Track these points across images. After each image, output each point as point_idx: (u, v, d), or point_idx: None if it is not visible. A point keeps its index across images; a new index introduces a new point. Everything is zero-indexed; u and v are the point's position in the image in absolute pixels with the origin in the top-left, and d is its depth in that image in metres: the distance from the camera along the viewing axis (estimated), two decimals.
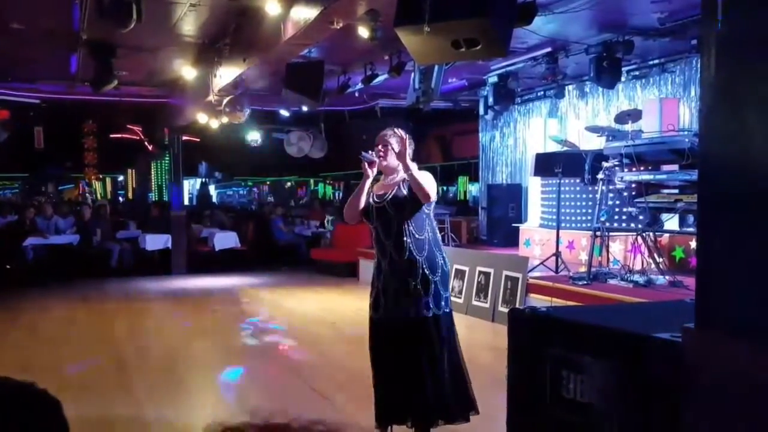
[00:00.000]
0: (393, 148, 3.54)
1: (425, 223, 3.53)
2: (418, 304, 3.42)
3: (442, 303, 3.48)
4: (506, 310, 5.71)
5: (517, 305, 6.60)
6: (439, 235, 3.64)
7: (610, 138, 7.08)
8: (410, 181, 3.45)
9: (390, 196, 3.50)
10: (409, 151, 3.57)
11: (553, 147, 9.02)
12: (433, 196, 3.47)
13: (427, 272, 3.46)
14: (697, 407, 1.63)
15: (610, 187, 6.82)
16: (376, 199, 3.56)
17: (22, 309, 8.21)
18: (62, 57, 8.74)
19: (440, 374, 3.42)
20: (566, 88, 10.11)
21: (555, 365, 2.07)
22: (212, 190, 29.54)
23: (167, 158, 15.52)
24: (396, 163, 3.55)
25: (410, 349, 3.42)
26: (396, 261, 3.48)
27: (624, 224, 7.39)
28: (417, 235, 3.48)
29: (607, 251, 7.25)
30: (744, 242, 1.57)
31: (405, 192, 3.48)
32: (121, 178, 25.68)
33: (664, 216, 6.63)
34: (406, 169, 3.44)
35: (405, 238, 3.46)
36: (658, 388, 1.79)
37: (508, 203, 10.74)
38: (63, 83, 10.30)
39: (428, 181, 3.47)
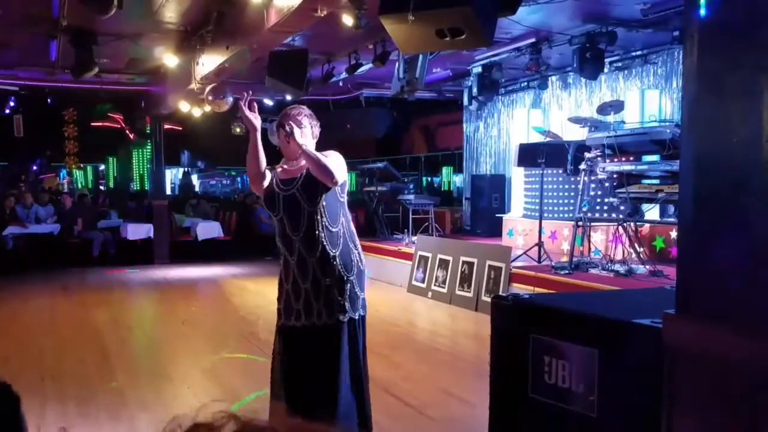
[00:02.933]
0: (301, 127, 3.07)
1: (340, 213, 3.08)
2: (332, 306, 3.01)
3: (359, 305, 3.09)
4: (489, 300, 5.80)
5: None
6: (353, 227, 3.19)
7: (593, 129, 7.13)
8: (305, 158, 3.00)
9: (301, 181, 3.02)
10: (315, 132, 3.16)
11: (537, 138, 9.06)
12: (339, 178, 2.98)
13: (342, 270, 3.02)
14: (677, 391, 1.65)
15: (592, 177, 6.87)
16: (282, 186, 3.08)
17: (2, 299, 8.12)
18: (42, 43, 8.60)
19: (340, 384, 3.03)
20: (549, 78, 10.15)
21: (537, 351, 2.10)
22: (195, 179, 29.30)
23: (149, 147, 15.39)
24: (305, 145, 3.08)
25: (319, 357, 3.04)
26: (306, 259, 3.01)
27: (605, 214, 7.45)
28: (331, 228, 3.03)
29: (589, 241, 7.31)
30: (724, 231, 1.59)
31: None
32: (102, 167, 25.38)
33: (645, 206, 6.69)
34: (297, 146, 2.98)
35: (317, 232, 3.00)
36: (639, 373, 1.81)
37: (491, 193, 10.78)
38: (42, 70, 10.15)
39: (333, 160, 3.01)
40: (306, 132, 3.09)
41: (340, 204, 3.10)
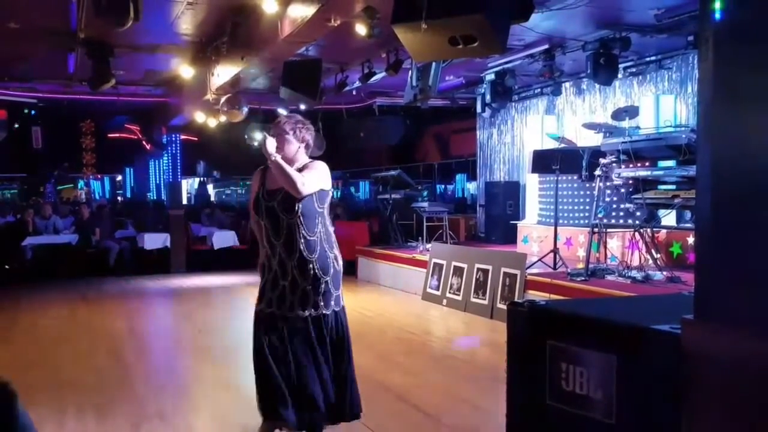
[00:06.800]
0: (284, 135, 3.29)
1: (317, 222, 3.33)
2: (306, 302, 3.31)
3: (332, 302, 3.37)
4: (505, 307, 5.76)
5: None
6: (332, 233, 3.43)
7: (607, 134, 7.10)
8: (272, 168, 3.18)
9: (281, 196, 3.26)
10: (299, 135, 3.33)
11: (551, 144, 9.04)
12: (305, 189, 3.19)
13: (319, 273, 3.31)
14: (696, 397, 1.64)
15: (608, 183, 6.83)
16: (266, 196, 3.34)
17: (21, 308, 8.21)
18: (59, 56, 8.74)
19: (323, 374, 3.31)
20: (563, 85, 10.13)
21: (554, 358, 2.09)
22: (210, 189, 29.48)
23: (166, 157, 15.53)
24: (291, 154, 3.31)
25: (295, 347, 3.30)
26: (286, 262, 3.32)
27: (621, 220, 7.40)
28: (308, 236, 3.30)
29: (605, 247, 7.26)
30: (742, 236, 1.58)
31: None
32: (119, 177, 25.63)
33: (662, 212, 6.65)
34: (268, 156, 3.15)
35: (296, 239, 3.28)
36: (658, 379, 1.80)
37: (506, 200, 10.76)
38: (60, 83, 10.31)
39: (311, 172, 3.24)
40: (291, 138, 3.31)
41: (319, 213, 3.33)
